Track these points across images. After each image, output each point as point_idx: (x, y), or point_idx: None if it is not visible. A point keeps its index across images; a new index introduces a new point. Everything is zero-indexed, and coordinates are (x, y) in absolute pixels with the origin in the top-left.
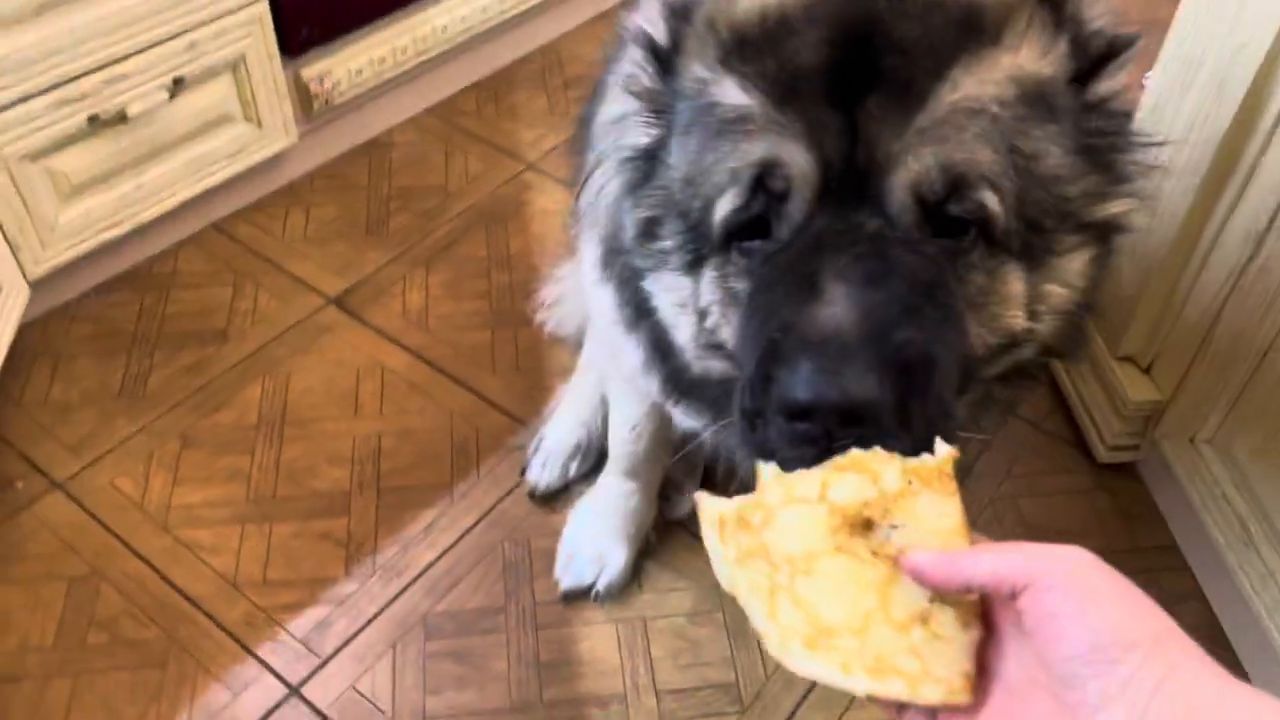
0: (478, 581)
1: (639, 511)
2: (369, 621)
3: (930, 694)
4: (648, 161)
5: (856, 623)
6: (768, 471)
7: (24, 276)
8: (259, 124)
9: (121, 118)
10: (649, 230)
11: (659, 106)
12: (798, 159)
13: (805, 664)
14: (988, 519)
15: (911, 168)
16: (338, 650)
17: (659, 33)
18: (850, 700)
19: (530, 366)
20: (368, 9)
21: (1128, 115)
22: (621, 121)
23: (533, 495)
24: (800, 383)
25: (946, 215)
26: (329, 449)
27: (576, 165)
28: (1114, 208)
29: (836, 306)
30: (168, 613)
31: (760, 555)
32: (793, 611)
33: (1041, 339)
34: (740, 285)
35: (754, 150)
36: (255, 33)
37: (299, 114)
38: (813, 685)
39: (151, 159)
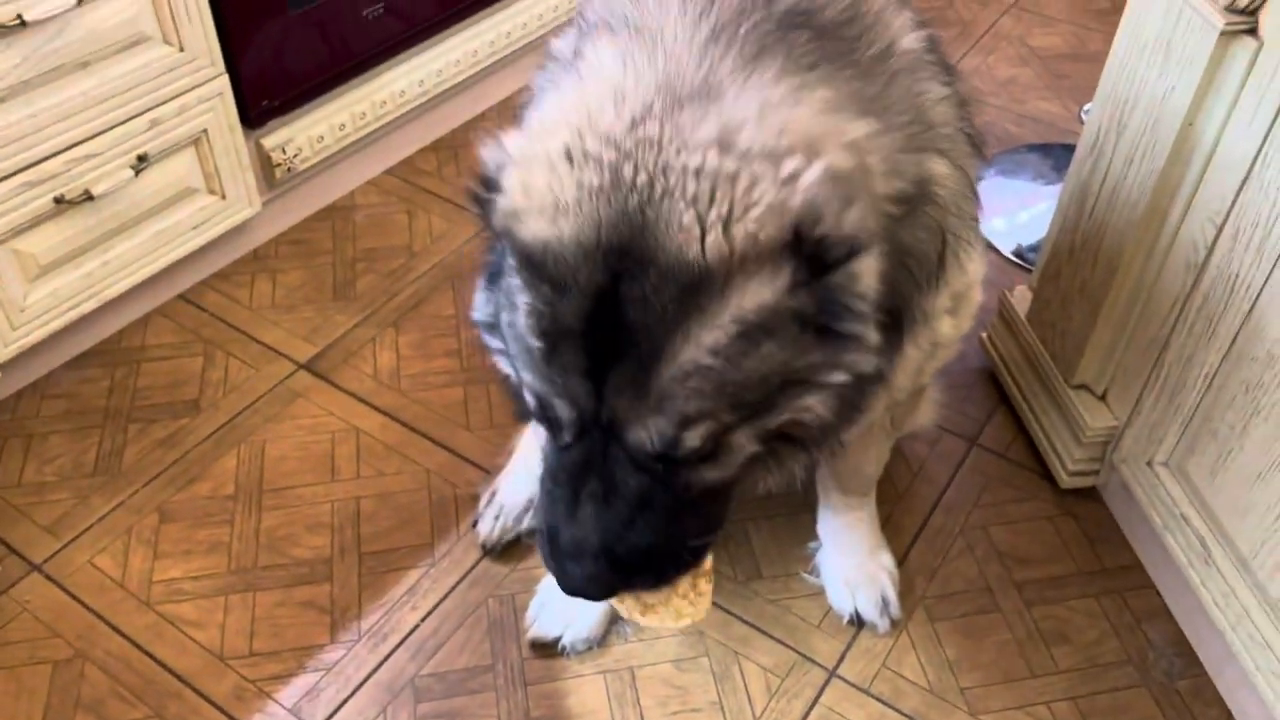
0: (464, 641)
1: None
2: (358, 687)
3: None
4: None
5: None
6: None
7: None
8: (223, 195)
9: (87, 196)
10: (495, 324)
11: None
12: (562, 411)
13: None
14: (960, 548)
15: (637, 433)
16: (329, 718)
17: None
18: None
19: (505, 421)
20: (327, 79)
21: (856, 293)
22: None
23: (484, 549)
24: (559, 580)
25: (674, 458)
26: (308, 515)
27: None
28: (836, 377)
29: (577, 529)
30: (155, 690)
31: None
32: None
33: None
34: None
35: (536, 387)
36: (217, 107)
37: (262, 183)
38: None
39: (118, 235)
